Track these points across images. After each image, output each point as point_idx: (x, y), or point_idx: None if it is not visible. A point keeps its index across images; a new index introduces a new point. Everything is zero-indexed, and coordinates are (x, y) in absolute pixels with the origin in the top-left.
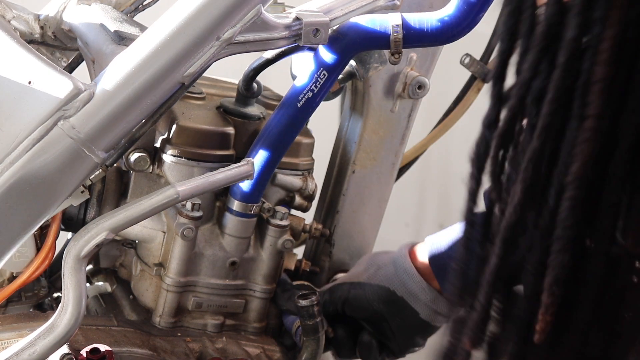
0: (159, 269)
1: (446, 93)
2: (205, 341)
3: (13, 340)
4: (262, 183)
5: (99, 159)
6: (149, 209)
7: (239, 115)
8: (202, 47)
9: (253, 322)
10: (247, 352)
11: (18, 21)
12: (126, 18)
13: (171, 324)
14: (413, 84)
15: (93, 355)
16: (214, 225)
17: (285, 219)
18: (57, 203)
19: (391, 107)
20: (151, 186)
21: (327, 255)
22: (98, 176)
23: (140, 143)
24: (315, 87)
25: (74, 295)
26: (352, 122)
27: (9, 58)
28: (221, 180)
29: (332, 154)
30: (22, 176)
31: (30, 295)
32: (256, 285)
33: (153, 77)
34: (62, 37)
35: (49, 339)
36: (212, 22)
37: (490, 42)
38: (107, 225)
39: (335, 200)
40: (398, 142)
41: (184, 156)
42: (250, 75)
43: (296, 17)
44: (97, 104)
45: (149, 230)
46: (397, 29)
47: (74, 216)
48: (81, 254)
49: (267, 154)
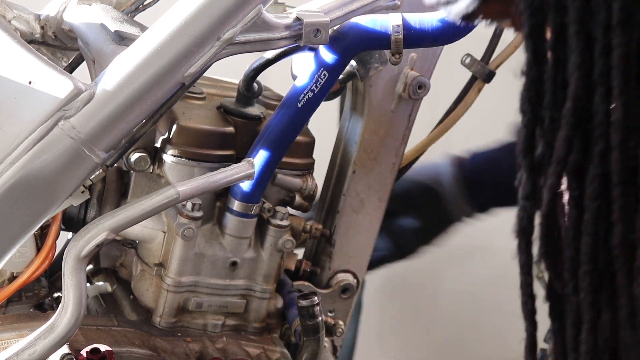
0: (160, 269)
1: (447, 93)
2: (206, 341)
3: (13, 340)
4: (263, 183)
5: (99, 159)
6: (150, 209)
7: (240, 116)
8: (202, 47)
9: (253, 322)
10: (247, 352)
11: (18, 21)
12: (127, 18)
13: (171, 324)
14: (413, 84)
15: (93, 355)
16: (215, 225)
17: (285, 219)
18: (58, 203)
19: (392, 107)
20: (151, 186)
21: (328, 255)
22: (98, 176)
23: (140, 143)
24: (316, 87)
25: (74, 295)
26: (353, 122)
27: (10, 58)
28: (221, 180)
29: (333, 154)
30: (23, 176)
31: (31, 295)
32: (256, 286)
33: (153, 77)
34: (62, 37)
35: (49, 339)
36: (212, 22)
37: (491, 43)
38: (107, 225)
39: (335, 200)
40: (398, 142)
41: (185, 156)
42: (250, 75)
43: (297, 17)
44: (97, 104)
45: (149, 230)
46: (397, 29)
47: (74, 216)
48: (81, 254)
49: (268, 154)
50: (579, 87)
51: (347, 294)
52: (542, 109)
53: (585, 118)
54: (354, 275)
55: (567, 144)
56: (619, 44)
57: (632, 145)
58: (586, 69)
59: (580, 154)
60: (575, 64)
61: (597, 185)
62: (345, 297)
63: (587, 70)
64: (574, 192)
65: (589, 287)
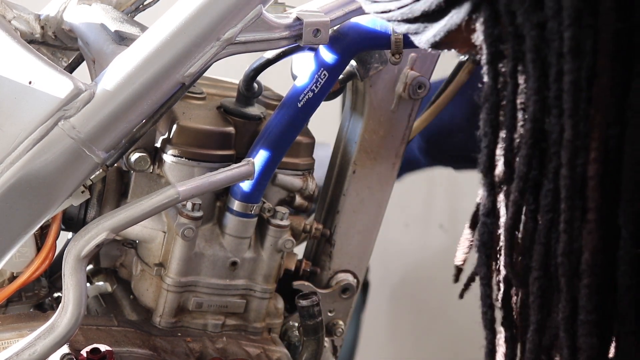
0: (160, 269)
1: None
2: (206, 341)
3: (13, 340)
4: (263, 183)
5: (99, 159)
6: (150, 209)
7: (240, 115)
8: (202, 47)
9: (253, 322)
10: (248, 352)
11: (19, 21)
12: (127, 18)
13: (171, 324)
14: (413, 84)
15: (93, 355)
16: (215, 225)
17: (285, 219)
18: (58, 203)
19: (392, 107)
20: (152, 186)
21: (328, 255)
22: (98, 176)
23: (140, 143)
24: (316, 87)
25: (74, 295)
26: (353, 122)
27: (10, 58)
28: (222, 180)
29: (333, 154)
30: (23, 176)
31: (31, 295)
32: (256, 285)
33: (153, 77)
34: (62, 37)
35: (49, 339)
36: (212, 22)
37: None
38: (107, 225)
39: (335, 200)
40: (398, 142)
41: (185, 156)
42: (250, 75)
43: (297, 17)
44: (97, 104)
45: (149, 230)
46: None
47: (74, 216)
48: (81, 254)
49: (268, 154)
50: (536, 109)
51: (347, 294)
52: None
53: (542, 138)
54: (354, 275)
55: (527, 162)
56: (569, 70)
57: (579, 162)
58: (542, 93)
59: (537, 171)
60: (533, 88)
61: (550, 199)
62: (345, 297)
63: (543, 94)
64: (531, 205)
65: (537, 292)
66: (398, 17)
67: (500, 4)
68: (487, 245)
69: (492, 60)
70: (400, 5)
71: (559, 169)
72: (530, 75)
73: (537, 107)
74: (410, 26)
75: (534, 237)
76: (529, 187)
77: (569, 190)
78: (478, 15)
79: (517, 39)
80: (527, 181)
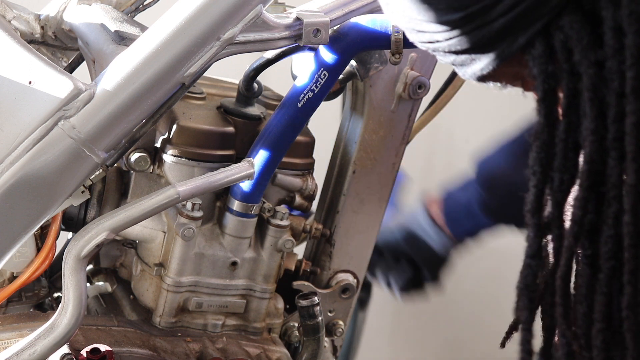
0: (159, 269)
1: None
2: (206, 341)
3: (13, 340)
4: (263, 183)
5: (99, 159)
6: (150, 209)
7: (240, 115)
8: (202, 47)
9: (253, 322)
10: (247, 352)
11: (18, 21)
12: (127, 18)
13: (171, 324)
14: (413, 84)
15: (93, 355)
16: (215, 225)
17: (285, 219)
18: (58, 203)
19: (392, 107)
20: (151, 186)
21: (327, 255)
22: (98, 176)
23: (140, 143)
24: (316, 87)
25: (74, 295)
26: (353, 122)
27: (10, 58)
28: (222, 180)
29: (333, 154)
30: (23, 176)
31: (31, 295)
32: (256, 285)
33: (153, 77)
34: (62, 37)
35: (49, 339)
36: (212, 22)
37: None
38: (107, 225)
39: (335, 200)
40: (398, 142)
41: (185, 156)
42: (250, 75)
43: (297, 17)
44: (97, 104)
45: (149, 230)
46: (397, 29)
47: (74, 216)
48: (81, 254)
49: (268, 154)
50: (593, 151)
51: (347, 293)
52: (552, 170)
53: (599, 181)
54: (354, 275)
55: (583, 205)
56: (632, 111)
57: None
58: (599, 134)
59: (594, 215)
60: (589, 129)
61: (611, 246)
62: (345, 297)
63: (600, 135)
64: (587, 251)
65: (601, 345)
66: (445, 49)
67: (557, 40)
68: (530, 288)
69: (545, 97)
70: (449, 37)
71: (620, 214)
72: (587, 114)
73: (594, 149)
74: (457, 58)
75: (594, 286)
76: (585, 231)
77: (632, 237)
78: (532, 51)
79: (572, 77)
80: (583, 225)
